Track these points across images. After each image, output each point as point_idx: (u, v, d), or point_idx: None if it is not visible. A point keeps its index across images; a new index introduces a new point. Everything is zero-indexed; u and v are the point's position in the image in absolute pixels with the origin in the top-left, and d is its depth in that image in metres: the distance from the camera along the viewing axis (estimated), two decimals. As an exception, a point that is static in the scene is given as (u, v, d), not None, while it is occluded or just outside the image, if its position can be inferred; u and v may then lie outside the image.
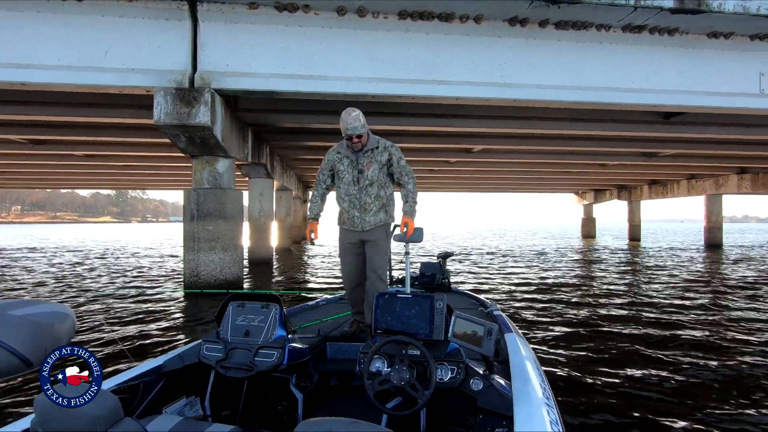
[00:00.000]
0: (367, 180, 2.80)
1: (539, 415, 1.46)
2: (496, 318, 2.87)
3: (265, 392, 2.34)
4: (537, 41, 7.21)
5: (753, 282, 9.79)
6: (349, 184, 2.83)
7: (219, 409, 2.29)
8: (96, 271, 12.02)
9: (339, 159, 2.86)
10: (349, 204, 2.85)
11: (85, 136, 11.30)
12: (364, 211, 2.83)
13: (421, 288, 3.91)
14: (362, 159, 2.81)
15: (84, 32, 6.42)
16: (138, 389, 1.91)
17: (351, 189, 2.83)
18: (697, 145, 13.20)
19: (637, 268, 12.59)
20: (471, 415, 1.89)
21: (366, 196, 2.82)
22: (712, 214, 22.86)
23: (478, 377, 1.82)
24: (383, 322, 2.02)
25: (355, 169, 2.82)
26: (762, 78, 7.83)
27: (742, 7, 6.63)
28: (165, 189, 31.22)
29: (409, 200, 2.88)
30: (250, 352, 2.12)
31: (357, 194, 2.83)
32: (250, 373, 2.08)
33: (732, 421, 2.98)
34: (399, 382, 1.80)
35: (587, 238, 31.57)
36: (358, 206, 2.83)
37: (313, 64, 6.91)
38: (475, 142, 13.03)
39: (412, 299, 2.01)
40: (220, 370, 2.10)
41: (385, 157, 2.84)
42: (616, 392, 3.41)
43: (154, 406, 1.98)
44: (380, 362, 1.94)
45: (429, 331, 1.94)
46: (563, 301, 7.42)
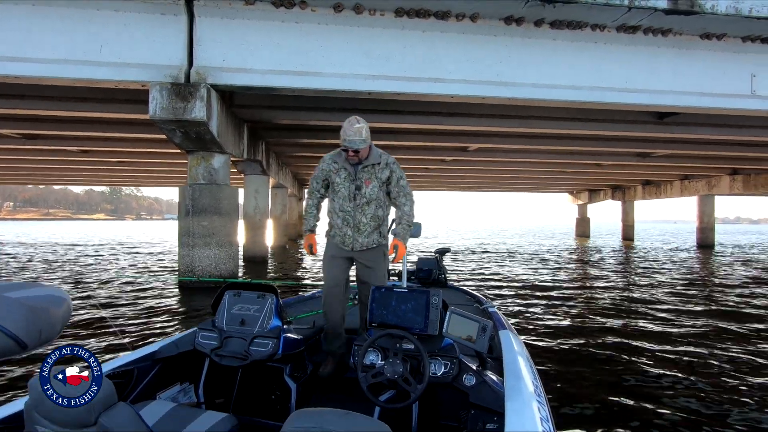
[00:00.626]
0: (364, 198, 2.53)
1: (530, 411, 1.47)
2: (491, 315, 2.88)
3: (259, 381, 2.35)
4: (532, 40, 7.26)
5: (745, 282, 9.92)
6: (345, 200, 2.55)
7: (213, 397, 2.30)
8: (92, 265, 11.97)
9: (335, 170, 2.58)
10: (343, 221, 2.57)
11: (79, 130, 11.22)
12: (357, 231, 2.56)
13: (418, 283, 3.90)
14: (361, 174, 2.54)
15: (80, 26, 6.39)
16: (132, 374, 1.92)
17: (346, 205, 2.55)
18: (690, 146, 13.33)
19: (629, 267, 12.71)
20: (463, 410, 1.90)
21: (362, 215, 2.55)
22: (704, 214, 23.09)
23: (471, 373, 1.83)
24: (378, 315, 2.03)
25: (352, 184, 2.54)
26: (754, 79, 7.93)
27: (735, 9, 6.71)
28: (160, 186, 31.08)
29: (402, 222, 2.64)
30: (245, 341, 2.13)
31: (352, 212, 2.55)
32: (244, 361, 2.08)
33: (722, 414, 3.05)
34: (392, 376, 1.81)
35: (582, 237, 31.77)
36: (352, 224, 2.56)
37: (309, 61, 6.92)
38: (470, 141, 13.09)
39: (408, 294, 2.02)
40: (214, 358, 2.11)
41: (385, 174, 2.58)
42: (607, 389, 3.45)
43: (148, 392, 1.99)
44: (374, 355, 1.95)
45: (424, 325, 1.95)
46: (555, 298, 7.50)
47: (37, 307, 0.81)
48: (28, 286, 0.85)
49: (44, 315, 0.81)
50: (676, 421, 2.93)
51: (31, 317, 0.78)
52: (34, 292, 0.84)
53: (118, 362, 1.91)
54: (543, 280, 9.77)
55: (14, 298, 0.79)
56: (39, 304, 0.82)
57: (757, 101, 8.00)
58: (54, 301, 0.86)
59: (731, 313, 6.40)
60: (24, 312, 0.78)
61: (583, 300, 7.40)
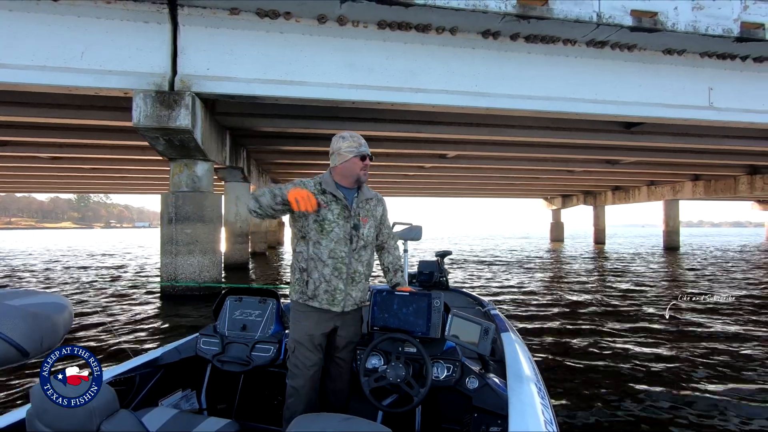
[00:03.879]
0: (362, 240, 1.98)
1: (534, 414, 1.46)
2: (493, 317, 2.84)
3: (261, 387, 2.36)
4: (509, 53, 7.60)
5: (699, 278, 10.52)
6: (339, 243, 1.93)
7: (215, 403, 2.31)
8: (68, 274, 11.61)
9: (325, 201, 1.93)
10: (333, 270, 1.92)
11: (53, 137, 10.95)
12: (351, 283, 1.96)
13: (419, 286, 3.77)
14: (358, 209, 1.99)
15: (60, 32, 6.31)
16: (134, 381, 1.92)
17: (339, 249, 1.93)
18: (655, 153, 14.07)
19: (603, 269, 13.24)
20: (466, 413, 1.89)
21: (358, 262, 1.98)
22: (669, 218, 24.19)
23: (473, 376, 1.82)
24: (380, 319, 2.01)
25: (348, 222, 1.94)
26: (711, 92, 8.51)
27: (693, 27, 7.23)
28: (135, 193, 30.24)
29: (399, 270, 2.19)
30: (246, 347, 2.14)
31: (347, 258, 1.94)
32: (246, 367, 2.10)
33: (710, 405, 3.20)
34: (395, 380, 1.80)
35: (556, 242, 32.67)
36: (346, 275, 1.94)
37: (293, 70, 7.03)
38: (449, 148, 13.43)
39: (409, 297, 1.99)
40: (216, 364, 2.13)
41: (379, 211, 2.11)
42: (612, 393, 3.46)
43: (150, 399, 1.99)
44: (377, 359, 1.93)
45: (426, 328, 1.93)
46: (537, 303, 7.79)
47: (38, 315, 0.79)
48: (29, 294, 0.84)
49: (46, 322, 0.80)
50: (675, 421, 2.95)
51: (33, 325, 0.77)
52: (35, 299, 0.83)
53: (119, 369, 1.91)
54: (526, 283, 10.09)
55: (15, 305, 0.78)
56: (40, 311, 0.80)
57: (715, 113, 8.59)
58: (55, 308, 0.84)
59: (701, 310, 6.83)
60: (25, 319, 0.77)
61: (570, 303, 7.72)
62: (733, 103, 8.60)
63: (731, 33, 7.35)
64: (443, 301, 1.98)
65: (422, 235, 2.89)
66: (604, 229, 30.07)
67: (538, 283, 10.15)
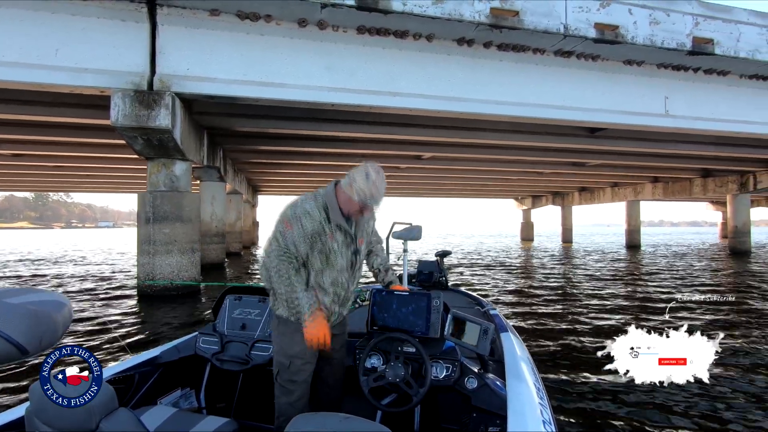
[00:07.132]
0: (359, 262, 1.93)
1: (533, 414, 1.47)
2: (492, 317, 2.83)
3: (261, 386, 2.32)
4: (482, 60, 7.96)
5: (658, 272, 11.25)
6: (342, 271, 1.85)
7: (214, 402, 2.32)
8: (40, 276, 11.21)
9: (330, 231, 1.79)
10: (334, 297, 1.86)
11: (17, 134, 10.58)
12: (345, 304, 1.93)
13: (419, 286, 3.77)
14: (356, 232, 1.90)
15: (33, 29, 6.20)
16: (133, 380, 1.93)
17: (341, 277, 1.86)
18: (617, 157, 14.87)
19: (573, 266, 13.91)
20: (465, 413, 1.89)
21: (352, 284, 1.93)
22: (631, 218, 25.43)
23: (473, 376, 1.82)
24: (380, 318, 2.01)
25: (349, 249, 1.86)
26: (667, 101, 9.16)
27: (650, 40, 7.80)
28: (100, 192, 29.16)
29: (389, 269, 2.14)
30: (246, 346, 2.15)
31: (346, 284, 1.88)
32: (245, 366, 2.10)
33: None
34: (394, 379, 1.80)
35: (526, 241, 33.67)
36: (342, 298, 1.90)
37: (273, 72, 7.13)
38: (424, 150, 13.76)
39: (409, 296, 1.99)
40: (216, 363, 2.14)
41: (371, 225, 2.02)
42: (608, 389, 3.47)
43: (149, 397, 2.00)
44: (376, 358, 1.93)
45: (425, 328, 1.93)
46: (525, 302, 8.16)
47: (37, 313, 0.79)
48: (29, 292, 0.84)
49: (45, 320, 0.80)
50: (675, 422, 2.94)
51: (32, 323, 0.77)
52: (35, 297, 0.83)
53: (118, 367, 1.91)
54: (509, 282, 10.50)
55: (14, 303, 0.78)
56: (40, 309, 0.80)
57: (670, 120, 9.25)
58: (55, 306, 0.84)
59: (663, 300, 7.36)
60: (25, 317, 0.76)
61: (528, 299, 8.14)
62: (687, 111, 9.29)
63: (684, 47, 7.97)
64: (442, 301, 1.98)
65: (422, 234, 2.85)
66: (571, 228, 31.25)
67: (521, 281, 10.59)
